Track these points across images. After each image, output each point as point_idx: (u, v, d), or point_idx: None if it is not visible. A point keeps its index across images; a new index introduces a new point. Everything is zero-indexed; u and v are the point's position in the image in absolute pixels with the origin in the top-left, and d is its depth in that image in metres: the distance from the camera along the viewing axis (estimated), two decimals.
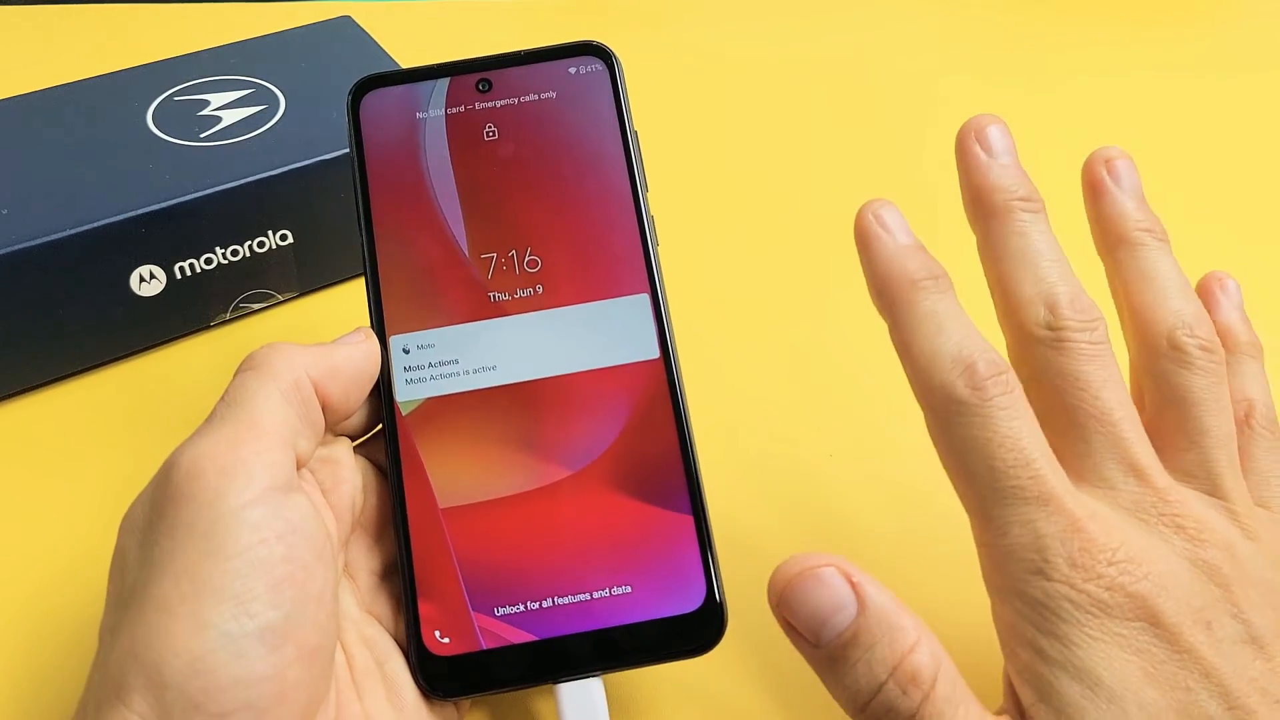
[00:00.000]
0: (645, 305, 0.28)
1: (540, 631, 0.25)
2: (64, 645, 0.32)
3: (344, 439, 0.28)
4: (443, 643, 0.25)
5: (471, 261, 0.28)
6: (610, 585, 0.26)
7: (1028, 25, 0.63)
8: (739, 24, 0.64)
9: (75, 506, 0.35)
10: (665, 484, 0.26)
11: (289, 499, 0.23)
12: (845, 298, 0.43)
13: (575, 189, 0.29)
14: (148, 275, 0.39)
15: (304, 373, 0.25)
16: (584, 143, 0.29)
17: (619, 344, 0.27)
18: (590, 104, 0.29)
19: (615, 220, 0.28)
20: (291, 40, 0.47)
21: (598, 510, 0.26)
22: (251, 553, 0.22)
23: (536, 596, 0.26)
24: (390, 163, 0.29)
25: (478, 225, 0.28)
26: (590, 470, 0.26)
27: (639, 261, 0.28)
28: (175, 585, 0.21)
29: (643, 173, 0.29)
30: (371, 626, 0.26)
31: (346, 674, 0.25)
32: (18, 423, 0.39)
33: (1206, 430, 0.25)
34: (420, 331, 0.28)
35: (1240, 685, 0.21)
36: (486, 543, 0.26)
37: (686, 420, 0.27)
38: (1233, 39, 0.62)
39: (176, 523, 0.22)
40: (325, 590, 0.23)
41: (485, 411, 0.27)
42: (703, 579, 0.25)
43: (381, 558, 0.27)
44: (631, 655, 0.25)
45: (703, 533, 0.26)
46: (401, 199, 0.29)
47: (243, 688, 0.21)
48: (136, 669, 0.21)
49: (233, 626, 0.21)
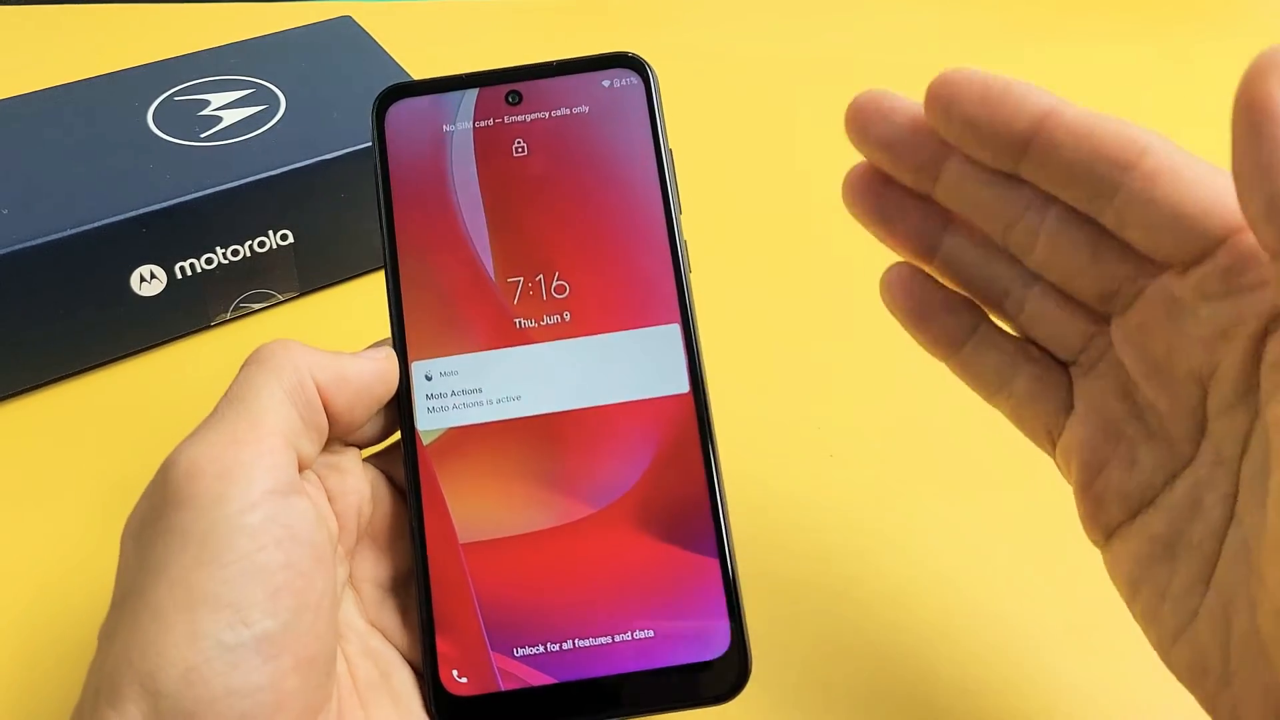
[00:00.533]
0: (676, 337, 0.27)
1: (559, 674, 0.25)
2: (64, 645, 0.32)
3: (352, 448, 0.27)
4: (460, 682, 0.25)
5: (498, 285, 0.27)
6: (632, 628, 0.25)
7: (1029, 22, 0.63)
8: (741, 24, 0.63)
9: (75, 506, 0.35)
10: (692, 525, 0.25)
11: (289, 502, 0.23)
12: (851, 301, 0.43)
13: (606, 211, 0.28)
14: (148, 275, 0.39)
15: (309, 374, 0.24)
16: (617, 161, 0.28)
17: (648, 377, 0.26)
18: (624, 120, 0.28)
19: (647, 245, 0.27)
20: (291, 40, 0.47)
21: (621, 550, 0.25)
22: (249, 560, 0.21)
23: (557, 638, 0.25)
24: (416, 178, 0.28)
25: (504, 246, 0.27)
26: (615, 508, 0.26)
27: (670, 290, 0.27)
28: (170, 592, 0.21)
29: (677, 195, 0.28)
30: (376, 639, 0.26)
31: (350, 684, 0.24)
32: (18, 423, 0.39)
33: None
34: (443, 358, 0.27)
35: None
36: (507, 580, 0.25)
37: (715, 459, 0.26)
38: (1238, 34, 0.62)
39: (173, 527, 0.22)
40: (324, 598, 0.23)
41: (508, 443, 0.26)
42: (727, 625, 0.25)
43: (388, 569, 0.27)
44: (652, 701, 0.25)
45: (729, 577, 0.25)
46: (427, 216, 0.28)
47: (238, 698, 0.21)
48: (131, 676, 0.21)
49: (228, 636, 0.21)
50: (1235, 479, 0.22)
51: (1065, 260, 0.24)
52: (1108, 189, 0.22)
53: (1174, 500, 0.23)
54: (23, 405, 0.39)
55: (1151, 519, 0.23)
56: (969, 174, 0.24)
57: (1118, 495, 0.24)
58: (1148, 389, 0.23)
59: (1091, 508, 0.25)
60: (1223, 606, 0.22)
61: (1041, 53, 0.60)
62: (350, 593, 0.26)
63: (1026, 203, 0.24)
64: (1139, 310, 0.23)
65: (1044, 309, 0.25)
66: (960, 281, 0.26)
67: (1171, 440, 0.23)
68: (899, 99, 0.25)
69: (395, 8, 0.64)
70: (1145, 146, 0.22)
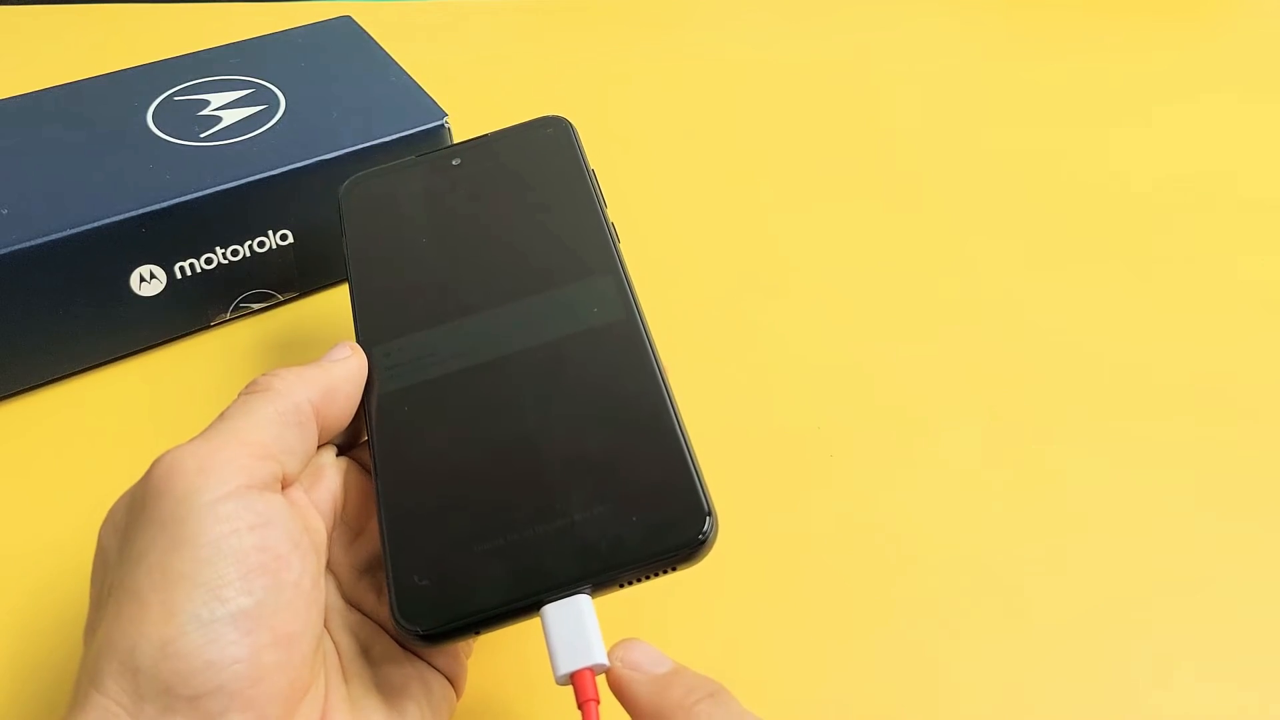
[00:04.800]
0: (610, 284, 0.29)
1: (523, 558, 0.25)
2: (63, 644, 0.32)
3: (329, 446, 0.28)
4: (421, 585, 0.25)
5: (446, 282, 0.31)
6: (592, 506, 0.25)
7: (1029, 28, 0.63)
8: (732, 27, 0.63)
9: (75, 506, 0.35)
10: (641, 404, 0.27)
11: (263, 496, 0.23)
12: (852, 301, 0.43)
13: (543, 216, 0.32)
14: (148, 275, 0.39)
15: (305, 399, 0.26)
16: (546, 181, 0.33)
17: (587, 313, 0.29)
18: (549, 152, 0.34)
19: (579, 233, 0.31)
20: (291, 40, 0.47)
21: (575, 437, 0.26)
22: (223, 542, 0.22)
23: (518, 526, 0.25)
24: (374, 231, 0.33)
25: (453, 262, 0.31)
26: (565, 403, 0.27)
27: (602, 254, 0.30)
28: (148, 576, 0.22)
29: (601, 196, 0.32)
30: (354, 615, 0.27)
31: (335, 662, 0.25)
32: (18, 423, 0.39)
33: None
34: (399, 338, 0.30)
35: None
36: (463, 484, 0.26)
37: (656, 355, 0.28)
38: (1244, 45, 0.62)
39: (152, 518, 0.22)
40: (304, 579, 0.23)
41: (461, 385, 0.28)
42: (685, 483, 0.25)
43: (361, 553, 0.28)
44: (618, 567, 0.24)
45: (682, 443, 0.26)
46: (386, 259, 0.32)
47: (215, 670, 0.21)
48: (110, 656, 0.21)
49: (204, 612, 0.21)
50: None
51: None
52: None
53: None
54: (23, 405, 0.39)
55: None
56: None
57: None
58: None
59: None
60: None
61: (1044, 61, 0.60)
62: (329, 575, 0.27)
63: None
64: None
65: None
66: None
67: None
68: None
69: (395, 8, 0.64)
70: None
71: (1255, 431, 0.38)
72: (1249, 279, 0.45)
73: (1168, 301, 0.43)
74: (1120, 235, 0.47)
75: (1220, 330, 0.42)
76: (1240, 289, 0.44)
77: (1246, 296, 0.44)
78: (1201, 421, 0.38)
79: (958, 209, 0.49)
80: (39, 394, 0.40)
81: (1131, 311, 0.43)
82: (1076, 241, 0.47)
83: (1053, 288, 0.44)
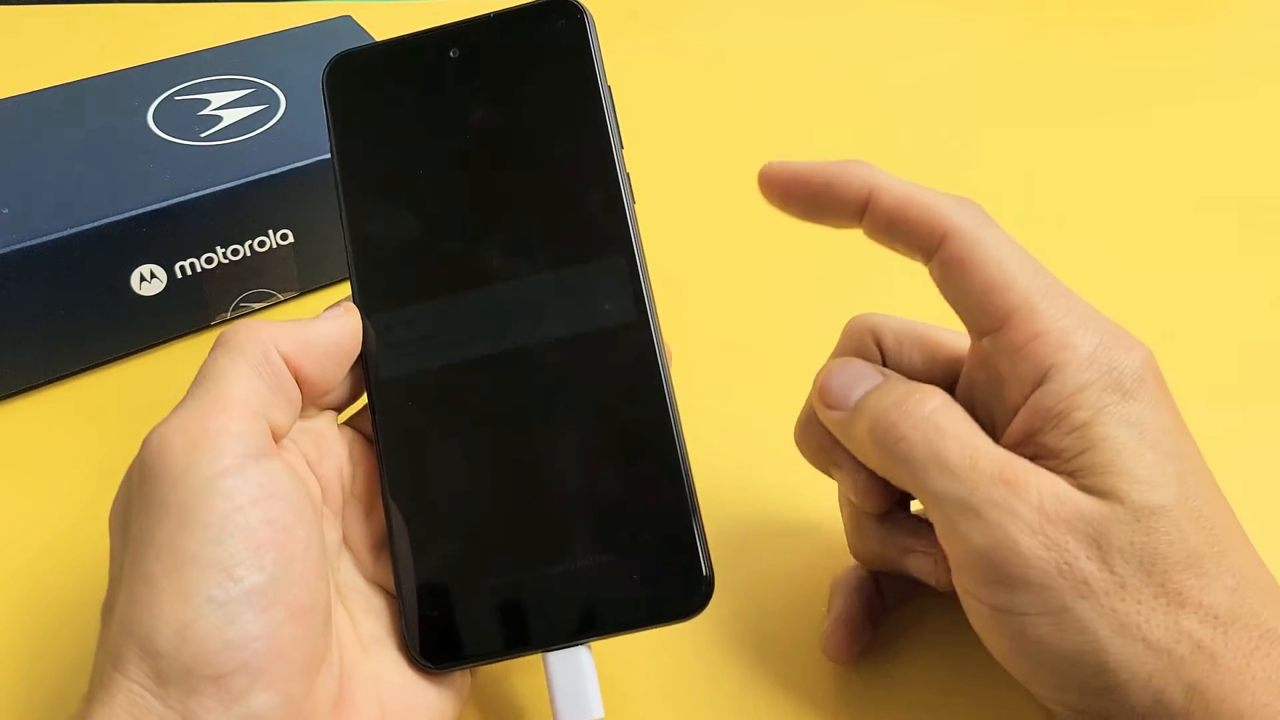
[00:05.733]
0: (622, 268, 0.27)
1: (528, 601, 0.26)
2: (65, 642, 0.32)
3: (328, 412, 0.28)
4: (431, 615, 0.26)
5: (451, 233, 0.28)
6: (596, 553, 0.26)
7: (1029, 27, 0.63)
8: (732, 25, 0.64)
9: (75, 506, 0.35)
10: (650, 451, 0.26)
11: (261, 465, 0.23)
12: (852, 302, 0.43)
13: (551, 153, 0.28)
14: (148, 275, 0.39)
15: (272, 346, 0.25)
16: (558, 104, 0.28)
17: (598, 309, 0.27)
18: (562, 63, 0.29)
19: (593, 181, 0.28)
20: (291, 40, 0.47)
21: (583, 478, 0.26)
22: (229, 520, 0.22)
23: (523, 566, 0.26)
24: (364, 138, 0.29)
25: (454, 196, 0.28)
26: (575, 437, 0.26)
27: (617, 224, 0.27)
28: (158, 559, 0.22)
29: (618, 131, 0.28)
30: (378, 597, 0.27)
31: (353, 637, 0.25)
32: (18, 423, 0.39)
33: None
34: (401, 309, 0.28)
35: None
36: (474, 515, 0.26)
37: (669, 385, 0.26)
38: (1240, 40, 0.62)
39: (151, 500, 0.22)
40: (310, 549, 0.23)
41: (468, 384, 0.27)
42: (688, 544, 0.25)
43: (377, 526, 0.27)
44: (618, 621, 0.25)
45: (688, 499, 0.26)
46: (377, 174, 0.29)
47: (235, 649, 0.21)
48: (129, 641, 0.21)
49: (218, 592, 0.21)
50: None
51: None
52: (924, 262, 0.26)
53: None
54: (23, 405, 0.39)
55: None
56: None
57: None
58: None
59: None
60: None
61: (1041, 59, 0.60)
62: (345, 553, 0.27)
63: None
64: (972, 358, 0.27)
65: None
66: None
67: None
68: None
69: (395, 8, 0.64)
70: (946, 233, 0.25)
71: (1257, 433, 0.38)
72: (1250, 279, 0.45)
73: (1168, 301, 0.43)
74: (1120, 235, 0.47)
75: (1220, 330, 0.42)
76: (1240, 289, 0.44)
77: (1247, 297, 0.44)
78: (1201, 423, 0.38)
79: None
80: (39, 394, 0.40)
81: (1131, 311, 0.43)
82: (1076, 241, 0.47)
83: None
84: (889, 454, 0.25)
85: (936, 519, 0.25)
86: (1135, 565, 0.23)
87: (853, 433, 0.27)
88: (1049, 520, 0.23)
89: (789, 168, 0.27)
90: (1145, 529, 0.23)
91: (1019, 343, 0.24)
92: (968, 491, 0.24)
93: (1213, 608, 0.23)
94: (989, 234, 0.25)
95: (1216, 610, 0.22)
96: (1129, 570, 0.23)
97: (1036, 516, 0.23)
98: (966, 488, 0.24)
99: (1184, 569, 0.23)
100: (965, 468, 0.24)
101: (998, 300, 0.25)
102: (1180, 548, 0.23)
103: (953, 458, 0.24)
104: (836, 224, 0.27)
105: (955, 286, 0.25)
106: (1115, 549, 0.23)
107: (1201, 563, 0.23)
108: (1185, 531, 0.23)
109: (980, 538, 0.23)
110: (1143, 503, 0.23)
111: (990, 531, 0.23)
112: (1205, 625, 0.22)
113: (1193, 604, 0.22)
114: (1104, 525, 0.23)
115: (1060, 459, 0.24)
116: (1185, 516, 0.23)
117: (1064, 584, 0.23)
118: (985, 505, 0.23)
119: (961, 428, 0.25)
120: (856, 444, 0.27)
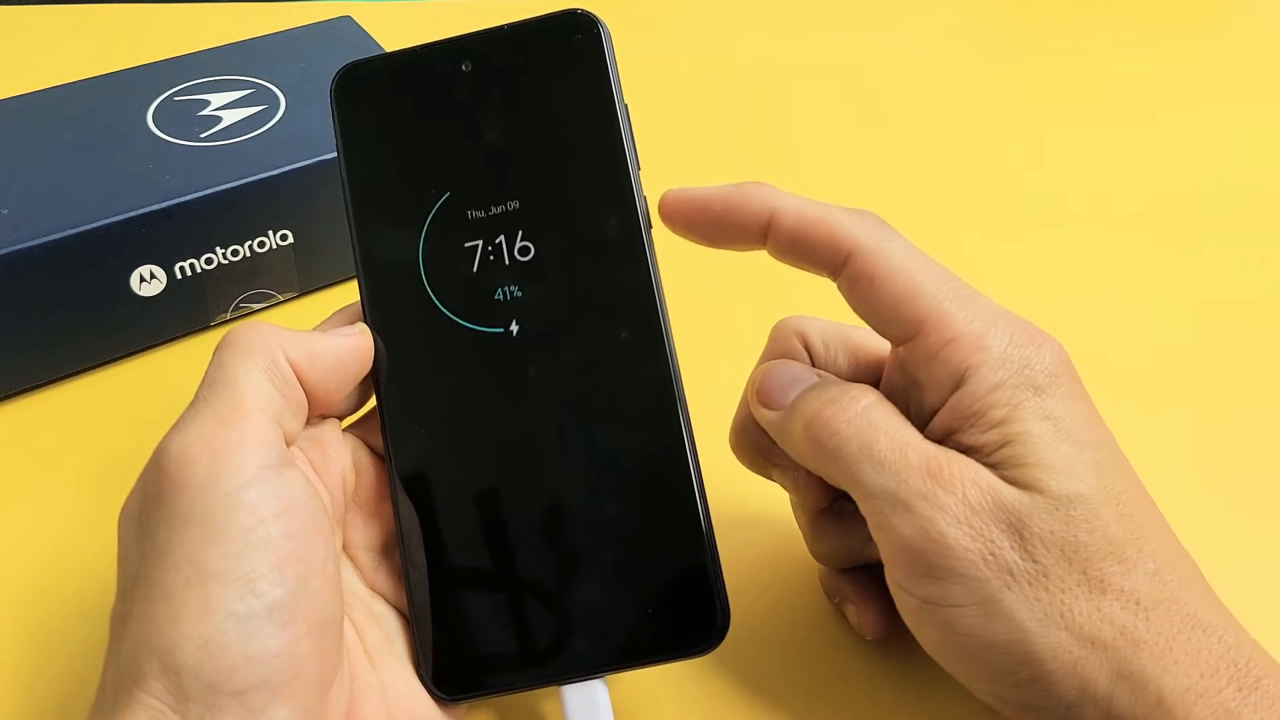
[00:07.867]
0: (641, 294, 0.26)
1: (545, 633, 0.26)
2: (66, 641, 0.32)
3: (331, 419, 0.28)
4: (447, 646, 0.26)
5: (459, 250, 0.27)
6: (613, 586, 0.26)
7: (1029, 27, 0.63)
8: (732, 26, 0.63)
9: (75, 507, 0.35)
10: (667, 485, 0.26)
11: (283, 476, 0.23)
12: None
13: (565, 173, 0.27)
14: (148, 275, 0.39)
15: (280, 352, 0.25)
16: (572, 120, 0.28)
17: (616, 336, 0.26)
18: (578, 78, 0.28)
19: (608, 203, 0.27)
20: (291, 40, 0.47)
21: (601, 511, 0.26)
22: (251, 534, 0.22)
23: (540, 599, 0.26)
24: (373, 153, 0.28)
25: (465, 209, 0.27)
26: (592, 470, 0.26)
27: (637, 249, 0.27)
28: (179, 572, 0.22)
29: (634, 150, 0.27)
30: (379, 604, 0.27)
31: (359, 647, 0.25)
32: (18, 423, 0.39)
33: None
34: (411, 330, 0.27)
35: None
36: (490, 546, 0.26)
37: (686, 417, 0.26)
38: (1239, 45, 0.62)
39: (174, 511, 0.22)
40: (327, 563, 0.23)
41: (482, 415, 0.27)
42: (704, 579, 0.25)
43: (378, 533, 0.27)
44: (635, 656, 0.25)
45: (704, 534, 0.26)
46: (387, 190, 0.28)
47: (257, 665, 0.21)
48: (150, 655, 0.21)
49: (240, 607, 0.21)
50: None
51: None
52: (832, 278, 0.27)
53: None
54: (23, 405, 0.39)
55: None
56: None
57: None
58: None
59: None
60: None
61: (1045, 60, 0.60)
62: (347, 561, 0.27)
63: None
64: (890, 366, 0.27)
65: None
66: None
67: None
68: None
69: (395, 8, 0.64)
70: (850, 250, 0.26)
71: (1263, 433, 0.38)
72: (1250, 278, 0.45)
73: (1167, 301, 0.43)
74: (1120, 235, 0.47)
75: (1220, 330, 0.42)
76: (1242, 289, 0.44)
77: (1249, 296, 0.44)
78: (1203, 422, 0.38)
79: (958, 209, 0.49)
80: (39, 394, 0.40)
81: (1130, 311, 0.43)
82: (1076, 241, 0.47)
83: (1052, 287, 0.44)
84: (822, 449, 0.26)
85: (869, 513, 0.25)
86: (1057, 554, 0.23)
87: (789, 431, 0.27)
88: (974, 511, 0.23)
89: (688, 195, 0.27)
90: (1065, 518, 0.23)
91: (934, 349, 0.25)
92: (897, 484, 0.24)
93: (1134, 593, 0.23)
94: (893, 245, 0.26)
95: (1138, 595, 0.23)
96: (1051, 559, 0.23)
97: (962, 507, 0.23)
98: (896, 480, 0.24)
99: (1104, 556, 0.23)
100: (895, 461, 0.24)
101: (908, 310, 0.25)
102: (1100, 535, 0.23)
103: (883, 451, 0.25)
104: (741, 248, 0.28)
105: (865, 301, 0.26)
106: (1037, 538, 0.23)
107: (1121, 549, 0.23)
108: (1104, 519, 0.23)
109: (909, 530, 0.24)
110: (1061, 492, 0.23)
111: (918, 523, 0.24)
112: (1127, 611, 0.23)
113: (1114, 590, 0.23)
114: (1025, 515, 0.23)
115: (981, 454, 0.24)
116: (1104, 504, 0.23)
117: (989, 574, 0.23)
118: (913, 498, 0.24)
119: (892, 423, 0.25)
120: (792, 442, 0.27)
